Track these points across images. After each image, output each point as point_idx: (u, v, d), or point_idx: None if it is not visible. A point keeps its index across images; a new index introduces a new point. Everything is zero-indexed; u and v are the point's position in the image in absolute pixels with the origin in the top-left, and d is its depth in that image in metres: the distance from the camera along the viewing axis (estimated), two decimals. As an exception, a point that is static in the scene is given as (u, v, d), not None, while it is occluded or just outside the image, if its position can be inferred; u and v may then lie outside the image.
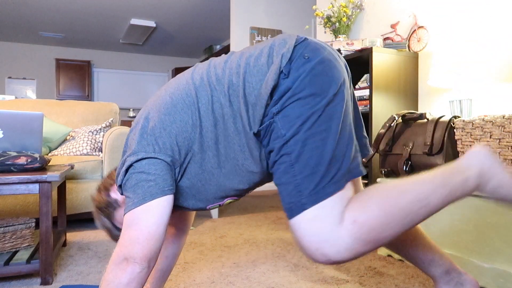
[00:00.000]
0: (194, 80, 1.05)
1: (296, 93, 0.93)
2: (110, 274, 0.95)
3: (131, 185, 0.97)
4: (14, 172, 1.67)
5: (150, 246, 0.95)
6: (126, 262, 0.94)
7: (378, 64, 2.47)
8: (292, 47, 0.98)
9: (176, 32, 6.78)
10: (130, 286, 0.95)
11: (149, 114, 1.04)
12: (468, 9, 2.30)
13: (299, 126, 0.92)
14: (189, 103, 1.01)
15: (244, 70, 1.01)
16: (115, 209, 1.16)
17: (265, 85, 0.96)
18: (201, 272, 1.78)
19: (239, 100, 1.00)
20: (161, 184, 0.96)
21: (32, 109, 3.14)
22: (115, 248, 0.97)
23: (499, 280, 1.49)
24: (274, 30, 4.57)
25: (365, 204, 0.89)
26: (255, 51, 1.05)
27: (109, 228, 1.18)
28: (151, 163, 0.97)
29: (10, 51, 7.42)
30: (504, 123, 1.51)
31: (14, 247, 1.75)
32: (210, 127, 1.01)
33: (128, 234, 0.95)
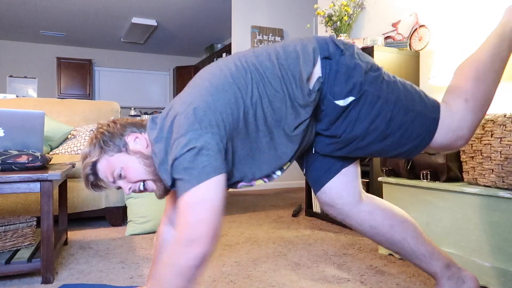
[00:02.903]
0: (229, 67, 1.09)
1: (362, 66, 1.11)
2: (177, 256, 0.94)
3: (184, 167, 0.96)
4: (16, 170, 1.67)
5: (216, 224, 0.96)
6: (195, 244, 0.93)
7: (379, 63, 2.47)
8: (334, 37, 1.16)
9: (178, 31, 6.78)
10: (195, 268, 0.95)
11: (188, 99, 1.03)
12: (469, 8, 2.30)
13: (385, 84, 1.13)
14: (228, 84, 1.04)
15: (276, 56, 1.10)
16: (118, 151, 1.12)
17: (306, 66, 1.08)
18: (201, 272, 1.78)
19: (277, 81, 1.07)
20: (214, 163, 0.96)
21: (33, 108, 3.14)
22: (180, 230, 0.95)
23: (500, 279, 1.49)
24: (275, 29, 4.57)
25: (464, 84, 1.16)
26: (286, 43, 1.16)
27: (91, 162, 1.12)
28: (203, 143, 0.96)
29: (11, 50, 7.42)
30: (505, 121, 1.51)
31: (15, 246, 1.75)
32: (251, 105, 1.05)
33: (193, 214, 0.94)
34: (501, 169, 1.53)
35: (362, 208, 1.26)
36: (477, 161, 1.64)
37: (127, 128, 1.16)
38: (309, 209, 3.04)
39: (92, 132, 1.18)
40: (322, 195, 1.27)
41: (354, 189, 1.26)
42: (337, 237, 2.38)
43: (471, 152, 1.66)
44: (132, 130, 1.16)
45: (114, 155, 1.12)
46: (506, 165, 1.51)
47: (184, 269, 0.93)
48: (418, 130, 1.14)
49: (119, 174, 1.12)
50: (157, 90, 8.62)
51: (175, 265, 0.94)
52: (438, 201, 1.77)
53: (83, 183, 2.61)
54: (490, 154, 1.57)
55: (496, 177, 1.55)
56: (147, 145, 1.14)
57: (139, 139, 1.14)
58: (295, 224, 2.76)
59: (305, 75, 1.07)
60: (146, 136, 1.16)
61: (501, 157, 1.53)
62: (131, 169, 1.11)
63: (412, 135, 1.14)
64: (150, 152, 1.13)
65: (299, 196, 4.11)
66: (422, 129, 1.14)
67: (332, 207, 1.27)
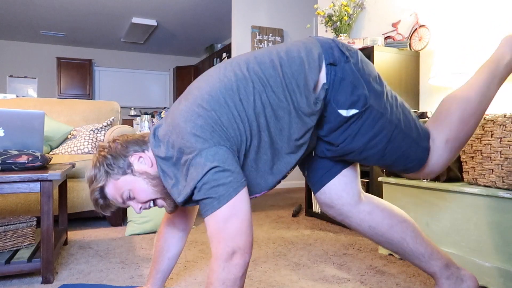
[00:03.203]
0: (229, 77, 1.06)
1: (365, 76, 1.11)
2: (223, 272, 0.96)
3: (210, 186, 0.96)
4: (16, 170, 1.67)
5: (251, 233, 1.00)
6: (236, 255, 0.97)
7: (379, 63, 2.47)
8: (338, 41, 1.15)
9: (178, 31, 6.78)
10: (243, 278, 0.99)
11: (191, 116, 1.01)
12: (469, 8, 2.30)
13: (389, 102, 1.13)
14: (230, 96, 1.03)
15: (280, 63, 1.08)
16: (123, 174, 1.11)
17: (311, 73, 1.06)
18: (202, 271, 1.78)
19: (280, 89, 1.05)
20: (238, 176, 0.98)
21: (33, 108, 3.14)
22: (218, 246, 0.97)
23: (500, 279, 1.49)
24: (275, 29, 4.57)
25: (449, 124, 1.16)
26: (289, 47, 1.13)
27: (98, 187, 1.12)
28: (221, 158, 0.96)
29: (11, 50, 7.43)
30: (505, 122, 1.51)
31: (15, 246, 1.75)
32: (254, 117, 1.04)
33: (229, 228, 0.97)
34: (501, 169, 1.53)
35: (361, 208, 1.26)
36: (477, 161, 1.64)
37: (130, 148, 1.14)
38: (309, 209, 3.04)
39: (94, 155, 1.17)
40: (321, 195, 1.27)
41: (354, 189, 1.26)
42: (337, 237, 2.38)
43: (471, 152, 1.66)
44: (134, 150, 1.14)
45: (120, 178, 1.11)
46: (506, 165, 1.51)
47: (232, 282, 0.97)
48: (412, 156, 1.16)
49: (128, 196, 1.12)
50: (157, 90, 8.62)
51: (223, 280, 0.96)
52: (438, 201, 1.77)
53: (84, 183, 2.62)
54: (490, 154, 1.57)
55: (496, 177, 1.55)
56: (151, 164, 1.13)
57: (143, 159, 1.13)
58: (295, 224, 2.76)
59: (312, 83, 1.05)
60: (150, 154, 1.14)
61: (501, 157, 1.53)
62: (139, 190, 1.11)
63: (407, 160, 1.17)
64: (155, 171, 1.12)
65: (299, 196, 4.11)
66: (415, 156, 1.16)
67: (332, 208, 1.27)
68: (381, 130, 1.10)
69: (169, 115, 1.10)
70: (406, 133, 1.14)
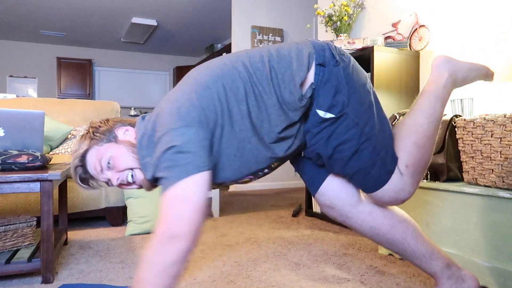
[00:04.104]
0: (217, 65, 1.09)
1: (350, 83, 1.11)
2: (156, 253, 0.94)
3: (166, 165, 0.96)
4: (16, 170, 1.67)
5: (197, 220, 0.95)
6: (174, 240, 0.93)
7: (379, 63, 2.47)
8: (332, 44, 1.16)
9: (178, 31, 6.78)
10: (177, 265, 0.94)
11: (173, 97, 1.05)
12: (469, 8, 2.30)
13: (367, 113, 1.13)
14: (213, 81, 1.05)
15: (268, 58, 1.09)
16: (107, 142, 1.14)
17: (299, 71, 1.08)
18: (202, 271, 1.78)
19: (266, 82, 1.07)
20: (197, 161, 0.96)
21: (33, 107, 3.14)
22: (159, 227, 0.95)
23: (500, 279, 1.49)
24: (275, 29, 4.57)
25: (404, 150, 1.17)
26: (281, 45, 1.15)
27: (80, 153, 1.14)
28: (185, 140, 0.96)
29: (11, 50, 7.42)
30: (506, 122, 1.51)
31: (15, 246, 1.75)
32: (236, 103, 1.05)
33: (173, 211, 0.94)
34: (501, 169, 1.53)
35: (361, 209, 1.26)
36: (477, 161, 1.64)
37: (118, 123, 1.18)
38: (309, 209, 3.04)
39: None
40: (320, 197, 1.27)
41: (352, 189, 1.25)
42: (337, 237, 2.38)
43: (471, 152, 1.66)
44: (122, 124, 1.18)
45: (104, 145, 1.13)
46: (506, 165, 1.51)
47: (166, 266, 0.93)
48: (373, 175, 1.14)
49: (107, 162, 1.12)
50: (157, 90, 8.62)
51: (156, 263, 0.93)
52: (438, 201, 1.77)
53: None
54: (490, 154, 1.57)
55: (496, 177, 1.55)
56: (135, 137, 1.15)
57: (128, 131, 1.16)
58: (295, 224, 2.76)
59: (299, 80, 1.07)
60: (135, 129, 1.17)
61: (501, 157, 1.53)
62: (120, 156, 1.11)
63: (367, 176, 1.15)
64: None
65: (299, 196, 4.11)
66: (376, 175, 1.15)
67: (332, 209, 1.27)
68: (351, 139, 1.10)
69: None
70: (376, 148, 1.13)
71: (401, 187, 1.16)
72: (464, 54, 2.29)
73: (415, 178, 1.18)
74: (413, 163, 1.17)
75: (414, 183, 1.18)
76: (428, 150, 1.20)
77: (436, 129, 1.21)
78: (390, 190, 1.16)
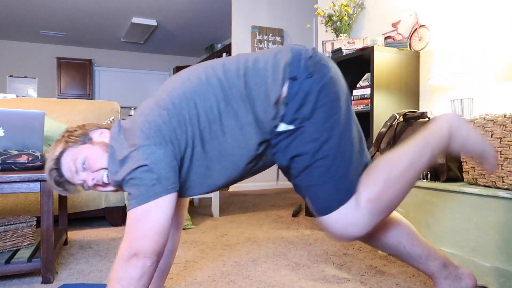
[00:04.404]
0: (191, 80, 1.07)
1: (320, 96, 1.05)
2: (120, 271, 0.96)
3: (134, 183, 0.98)
4: (16, 170, 1.67)
5: (160, 240, 0.98)
6: (136, 258, 0.96)
7: (379, 63, 2.47)
8: (311, 52, 1.09)
9: (178, 31, 6.78)
10: (142, 281, 0.97)
11: (146, 111, 1.05)
12: (469, 8, 2.30)
13: (330, 131, 1.05)
14: (186, 99, 1.04)
15: (244, 72, 1.06)
16: (82, 143, 1.14)
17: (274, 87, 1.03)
18: (202, 271, 1.78)
19: (240, 99, 1.04)
20: (165, 182, 0.97)
21: (33, 107, 3.14)
22: (122, 245, 0.97)
23: (500, 279, 1.49)
24: (275, 29, 4.57)
25: (373, 183, 1.07)
26: (259, 56, 1.10)
27: (55, 156, 1.14)
28: (154, 159, 0.97)
29: (11, 50, 7.42)
30: (506, 122, 1.51)
31: (15, 246, 1.75)
32: (208, 123, 1.04)
33: (137, 230, 0.97)
34: (501, 169, 1.53)
35: None
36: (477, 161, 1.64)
37: (94, 127, 1.19)
38: (309, 209, 3.04)
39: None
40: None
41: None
42: (337, 237, 2.38)
43: (471, 152, 1.67)
44: (98, 128, 1.19)
45: (79, 146, 1.14)
46: (506, 165, 1.51)
47: (128, 282, 0.95)
48: (321, 197, 1.06)
49: (82, 163, 1.11)
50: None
51: (119, 279, 0.96)
52: (438, 201, 1.77)
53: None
54: (490, 154, 1.57)
55: (496, 177, 1.55)
56: (110, 139, 1.16)
57: (103, 134, 1.17)
58: (295, 224, 2.76)
59: (273, 97, 1.04)
60: (110, 133, 1.18)
61: (501, 157, 1.53)
62: (94, 156, 1.11)
63: (315, 197, 1.08)
64: None
65: (299, 196, 4.11)
66: (324, 198, 1.06)
67: None
68: (306, 152, 1.05)
69: None
70: (329, 170, 1.05)
71: (352, 221, 1.05)
72: (464, 54, 2.29)
73: (373, 218, 1.07)
74: (377, 200, 1.06)
75: (371, 223, 1.07)
76: (398, 195, 1.09)
77: (413, 177, 1.10)
78: (339, 220, 1.06)
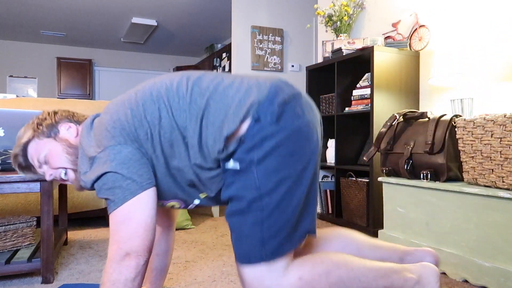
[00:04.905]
0: (161, 83, 1.05)
1: (278, 146, 0.96)
2: (114, 273, 0.95)
3: (108, 187, 0.96)
4: (16, 170, 1.67)
5: (148, 236, 0.98)
6: (129, 257, 0.95)
7: (379, 63, 2.47)
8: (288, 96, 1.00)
9: (178, 31, 6.78)
10: (136, 280, 0.97)
11: (113, 109, 1.04)
12: (469, 8, 2.30)
13: (276, 185, 0.96)
14: (152, 101, 1.02)
15: (211, 93, 1.00)
16: (47, 136, 1.14)
17: (232, 121, 0.96)
18: (202, 271, 1.78)
19: (195, 118, 0.99)
20: (138, 179, 0.96)
21: (33, 108, 3.14)
22: (111, 248, 0.97)
23: (500, 279, 1.49)
24: (275, 29, 4.57)
25: (314, 268, 0.98)
26: (236, 82, 1.04)
27: (22, 143, 1.16)
28: (122, 159, 0.96)
29: (11, 50, 7.42)
30: (505, 122, 1.51)
31: (15, 246, 1.75)
32: (166, 130, 1.00)
33: (122, 231, 0.96)
34: (501, 169, 1.53)
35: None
36: (477, 161, 1.64)
37: (64, 119, 1.18)
38: (309, 209, 3.03)
39: None
40: None
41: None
42: (337, 237, 2.38)
43: (471, 152, 1.66)
44: (68, 121, 1.18)
45: (44, 139, 1.15)
46: (506, 165, 1.51)
47: (123, 283, 0.95)
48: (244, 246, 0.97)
49: (43, 159, 1.14)
50: (157, 90, 8.61)
51: (113, 281, 0.95)
52: (438, 201, 1.77)
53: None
54: (490, 154, 1.57)
55: (496, 177, 1.55)
56: (76, 135, 1.16)
57: (71, 129, 1.16)
58: (295, 224, 2.76)
59: (225, 132, 0.96)
60: (80, 128, 1.17)
61: (501, 157, 1.53)
62: (54, 154, 1.13)
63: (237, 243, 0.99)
64: (76, 142, 1.15)
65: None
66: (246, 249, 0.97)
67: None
68: (244, 197, 0.96)
69: None
70: (262, 224, 0.96)
71: (268, 285, 0.95)
72: (464, 54, 2.29)
73: None
74: (307, 284, 0.96)
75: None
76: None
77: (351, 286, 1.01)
78: (253, 277, 0.96)
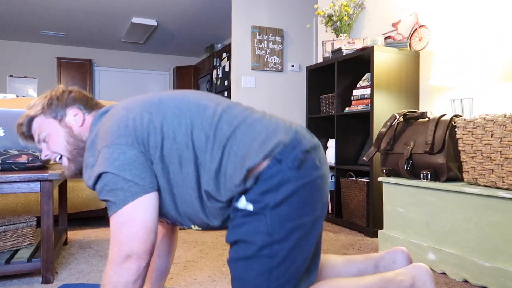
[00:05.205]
0: (191, 98, 1.04)
1: (294, 193, 0.95)
2: (114, 275, 0.94)
3: (110, 188, 0.95)
4: (16, 170, 1.67)
5: (149, 239, 0.96)
6: (130, 260, 0.94)
7: (379, 63, 2.47)
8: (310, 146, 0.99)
9: (178, 31, 6.78)
10: (137, 283, 0.96)
11: (130, 106, 1.03)
12: (469, 8, 2.30)
13: (289, 233, 0.95)
14: (175, 115, 1.00)
15: (238, 123, 1.00)
16: (53, 118, 1.15)
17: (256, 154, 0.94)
18: (202, 271, 1.78)
19: (218, 145, 0.98)
20: (141, 182, 0.95)
21: (33, 107, 3.14)
22: (112, 249, 0.96)
23: (499, 279, 1.49)
24: (275, 29, 4.56)
25: None
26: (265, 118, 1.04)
27: (30, 116, 1.17)
28: (126, 161, 0.95)
29: (11, 50, 7.42)
30: (506, 122, 1.51)
31: (15, 246, 1.75)
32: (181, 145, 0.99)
33: (123, 233, 0.95)
34: (501, 169, 1.53)
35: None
36: (477, 161, 1.64)
37: (76, 103, 1.18)
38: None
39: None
40: None
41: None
42: (337, 237, 2.38)
43: (471, 152, 1.66)
44: (79, 106, 1.18)
45: (49, 119, 1.16)
46: (506, 165, 1.51)
47: (124, 286, 0.94)
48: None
49: (43, 137, 1.16)
50: (157, 90, 8.62)
51: (114, 284, 0.94)
52: (438, 201, 1.77)
53: (84, 183, 2.61)
54: (490, 154, 1.57)
55: (496, 177, 1.55)
56: (82, 124, 1.16)
57: (77, 116, 1.16)
58: (295, 224, 2.76)
59: (249, 163, 0.93)
60: (88, 118, 1.17)
61: (501, 157, 1.53)
62: (54, 138, 1.15)
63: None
64: (80, 132, 1.15)
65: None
66: None
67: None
68: (253, 242, 0.94)
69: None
70: (270, 272, 0.94)
71: None
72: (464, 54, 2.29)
73: None
74: None
75: None
76: None
77: None
78: None
